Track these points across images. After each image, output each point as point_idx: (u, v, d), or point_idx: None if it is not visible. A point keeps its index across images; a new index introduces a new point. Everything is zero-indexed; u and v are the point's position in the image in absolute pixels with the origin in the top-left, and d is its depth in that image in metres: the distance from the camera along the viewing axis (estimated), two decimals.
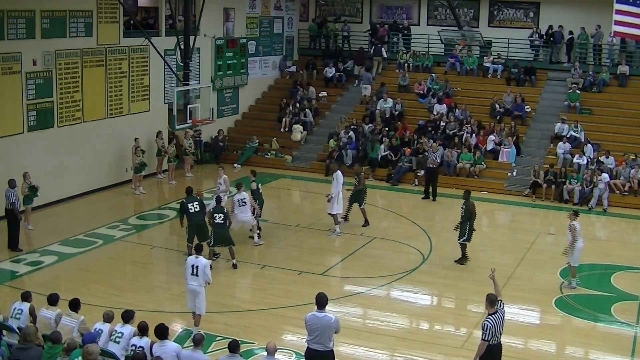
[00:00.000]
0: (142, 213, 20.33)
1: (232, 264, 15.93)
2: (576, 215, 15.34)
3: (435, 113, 26.08)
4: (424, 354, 12.24)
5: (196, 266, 12.39)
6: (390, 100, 26.92)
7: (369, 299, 14.66)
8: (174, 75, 23.21)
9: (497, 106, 25.94)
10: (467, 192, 16.83)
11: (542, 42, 28.26)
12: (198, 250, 12.96)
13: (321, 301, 10.07)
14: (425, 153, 23.22)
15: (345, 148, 25.04)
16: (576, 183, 21.93)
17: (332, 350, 10.08)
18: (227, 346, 9.79)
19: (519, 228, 20.26)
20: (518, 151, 24.28)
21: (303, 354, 11.49)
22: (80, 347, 9.11)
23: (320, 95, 28.77)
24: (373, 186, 23.56)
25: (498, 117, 25.60)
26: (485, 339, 9.94)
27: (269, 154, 26.34)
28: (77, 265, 16.19)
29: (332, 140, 25.67)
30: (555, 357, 12.46)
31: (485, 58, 28.41)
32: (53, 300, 10.84)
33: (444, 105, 26.26)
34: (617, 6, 15.53)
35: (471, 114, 25.78)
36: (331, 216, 18.33)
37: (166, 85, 24.19)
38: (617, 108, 25.71)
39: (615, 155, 22.80)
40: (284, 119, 27.39)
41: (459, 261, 16.48)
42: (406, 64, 28.97)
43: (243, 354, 10.36)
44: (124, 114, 22.60)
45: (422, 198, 22.20)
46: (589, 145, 23.35)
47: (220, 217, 15.63)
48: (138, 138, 21.97)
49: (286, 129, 27.17)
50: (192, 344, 10.00)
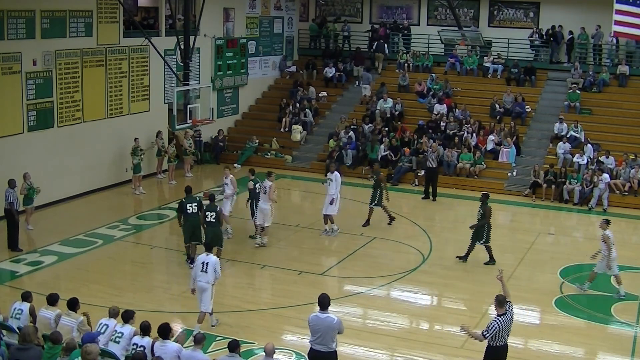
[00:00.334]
0: (142, 213, 20.33)
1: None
2: (608, 223, 14.77)
3: (435, 113, 26.11)
4: (424, 354, 12.24)
5: (206, 263, 12.50)
6: (390, 100, 26.92)
7: (369, 299, 14.65)
8: (174, 75, 23.21)
9: (497, 106, 25.95)
10: (485, 195, 16.63)
11: (543, 42, 28.25)
12: (208, 248, 12.96)
13: (323, 302, 10.04)
14: (425, 153, 23.22)
15: (345, 148, 25.04)
16: (576, 183, 21.95)
17: (335, 351, 10.04)
18: (227, 346, 9.80)
19: (519, 228, 20.27)
20: (518, 151, 24.29)
21: (303, 354, 11.53)
22: (80, 347, 9.11)
23: (320, 95, 28.77)
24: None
25: (498, 117, 25.61)
26: (485, 336, 9.87)
27: (269, 154, 26.34)
28: (77, 265, 16.20)
29: (332, 140, 25.66)
30: (555, 357, 12.44)
31: (485, 58, 28.41)
32: (53, 300, 10.83)
33: (444, 105, 26.28)
34: (617, 6, 15.56)
35: (471, 114, 25.79)
36: (326, 217, 18.28)
37: (166, 85, 24.19)
38: (617, 108, 25.71)
39: (615, 155, 22.81)
40: (284, 119, 27.40)
41: (487, 263, 16.36)
42: (406, 64, 28.97)
43: (243, 354, 10.36)
44: (124, 114, 22.60)
45: (422, 198, 22.20)
46: (589, 145, 23.36)
47: (212, 216, 15.33)
48: (138, 138, 22.00)
49: (286, 129, 27.17)
50: (193, 344, 10.01)
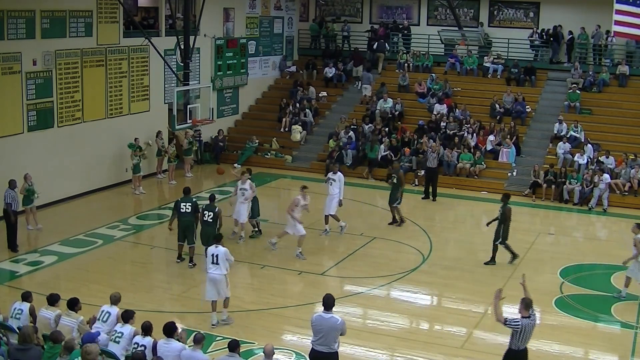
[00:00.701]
0: (142, 213, 20.33)
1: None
2: None
3: (435, 113, 26.10)
4: (424, 354, 12.24)
5: (216, 255, 12.60)
6: (390, 100, 26.92)
7: (369, 299, 14.65)
8: (174, 75, 23.21)
9: (497, 106, 25.94)
10: (506, 196, 16.65)
11: (543, 42, 28.20)
12: (217, 239, 12.99)
13: (328, 302, 10.02)
14: (425, 153, 23.21)
15: (345, 148, 25.04)
16: (576, 183, 21.94)
17: (337, 352, 10.00)
18: (227, 346, 9.81)
19: (519, 228, 20.17)
20: (518, 151, 24.29)
21: (303, 354, 11.52)
22: (80, 347, 9.11)
23: (320, 95, 28.77)
24: (373, 186, 23.64)
25: (498, 117, 25.61)
26: (506, 323, 9.79)
27: (269, 154, 26.34)
28: (77, 265, 16.20)
29: (332, 140, 25.66)
30: (555, 357, 12.44)
31: (485, 58, 28.41)
32: (53, 300, 10.83)
33: (444, 105, 26.26)
34: (617, 6, 15.57)
35: (471, 114, 25.79)
36: (332, 217, 18.26)
37: (166, 85, 24.18)
38: (617, 108, 25.72)
39: (615, 155, 22.81)
40: (284, 119, 27.39)
41: (488, 262, 16.52)
42: (406, 64, 28.97)
43: (243, 354, 10.35)
44: (124, 114, 22.60)
45: (422, 198, 22.20)
46: (589, 145, 23.36)
47: (209, 216, 15.28)
48: (138, 138, 21.99)
49: (286, 129, 27.17)
50: (193, 343, 10.01)
